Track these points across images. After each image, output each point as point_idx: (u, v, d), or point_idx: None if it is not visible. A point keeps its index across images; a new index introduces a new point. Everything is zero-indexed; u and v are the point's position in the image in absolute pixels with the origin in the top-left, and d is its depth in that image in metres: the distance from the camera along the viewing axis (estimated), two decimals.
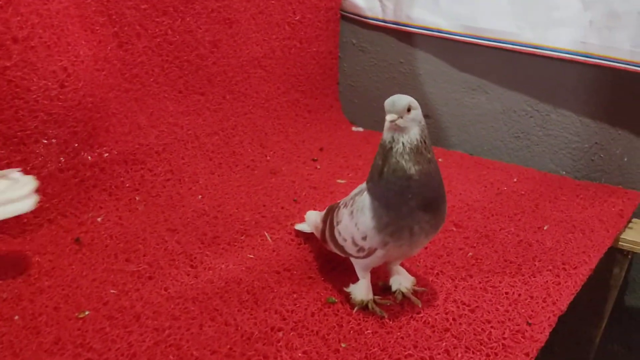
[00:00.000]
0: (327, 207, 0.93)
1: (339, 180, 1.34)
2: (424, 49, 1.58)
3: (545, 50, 1.38)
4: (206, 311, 0.84)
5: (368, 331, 0.80)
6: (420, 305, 0.86)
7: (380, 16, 1.63)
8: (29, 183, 0.93)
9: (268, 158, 1.46)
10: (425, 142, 0.75)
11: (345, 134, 1.70)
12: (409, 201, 0.75)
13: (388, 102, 0.74)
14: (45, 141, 1.04)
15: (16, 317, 0.82)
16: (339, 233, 0.83)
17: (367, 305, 0.85)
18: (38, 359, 0.74)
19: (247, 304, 0.86)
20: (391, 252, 0.80)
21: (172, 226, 1.10)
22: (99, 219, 1.11)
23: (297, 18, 1.59)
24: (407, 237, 0.77)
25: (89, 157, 1.14)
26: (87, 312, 0.84)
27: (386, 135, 0.75)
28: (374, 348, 0.77)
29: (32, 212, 1.01)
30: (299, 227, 1.06)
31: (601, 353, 1.38)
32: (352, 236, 0.80)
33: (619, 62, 1.27)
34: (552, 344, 1.38)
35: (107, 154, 1.18)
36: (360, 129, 1.72)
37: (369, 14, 1.65)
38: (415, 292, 0.88)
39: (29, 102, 1.00)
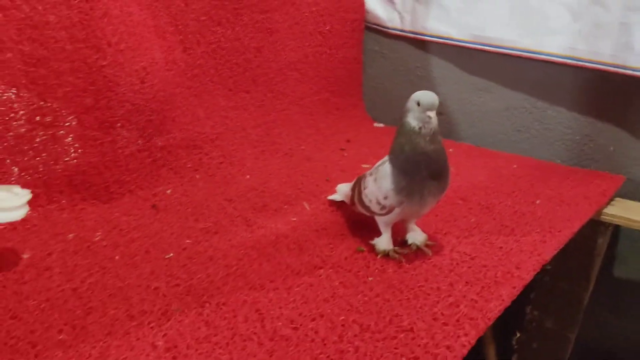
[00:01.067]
0: (356, 178, 1.17)
1: (364, 165, 1.57)
2: (438, 55, 1.81)
3: (542, 55, 1.60)
4: (263, 255, 1.08)
5: (389, 270, 1.03)
6: (430, 254, 1.09)
7: (399, 26, 1.86)
8: (25, 196, 0.99)
9: (302, 147, 1.69)
10: (437, 129, 0.99)
11: (369, 129, 1.93)
12: (422, 171, 0.98)
13: (428, 100, 0.96)
14: (130, 127, 1.29)
15: (117, 257, 1.07)
16: (366, 196, 1.06)
17: (388, 254, 1.08)
18: (140, 284, 0.98)
19: (294, 251, 1.10)
20: (406, 210, 1.03)
21: (228, 197, 1.34)
22: (168, 192, 1.35)
23: (327, 28, 1.83)
24: (418, 198, 1.00)
25: (159, 142, 1.39)
26: (171, 254, 1.08)
27: (415, 122, 0.98)
28: (394, 281, 1.00)
29: (117, 183, 1.27)
30: (332, 197, 1.30)
31: (590, 316, 1.59)
32: (376, 197, 1.03)
33: (603, 65, 1.49)
34: (547, 302, 1.60)
35: (173, 140, 1.42)
36: (381, 125, 1.95)
37: (389, 24, 1.88)
38: (427, 245, 1.11)
39: (118, 94, 1.25)
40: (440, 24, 1.76)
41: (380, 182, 1.02)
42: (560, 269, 1.10)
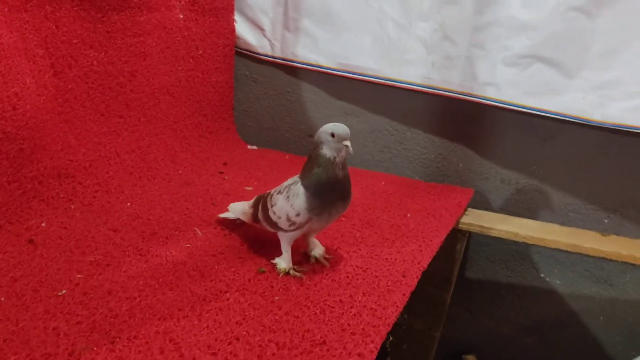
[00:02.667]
0: (255, 197, 1.21)
1: (247, 188, 1.61)
2: (307, 80, 1.92)
3: (401, 83, 1.78)
4: (165, 284, 1.07)
5: (293, 288, 1.09)
6: (327, 266, 1.17)
7: (269, 53, 1.94)
8: None
9: (180, 172, 1.68)
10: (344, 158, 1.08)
11: (243, 151, 1.97)
12: (333, 194, 1.08)
13: (343, 131, 1.05)
14: (1, 157, 1.19)
15: (2, 299, 0.98)
16: (274, 213, 1.11)
17: (289, 272, 1.13)
18: (36, 325, 0.91)
19: (195, 278, 1.10)
20: (313, 226, 1.11)
21: (113, 227, 1.29)
22: (43, 224, 1.26)
23: (200, 53, 1.84)
24: (327, 216, 1.10)
25: (30, 172, 1.29)
26: (64, 291, 1.01)
27: (330, 152, 1.06)
28: (299, 298, 1.05)
29: None
30: (224, 215, 1.33)
31: (450, 314, 1.79)
32: (287, 214, 1.08)
33: (453, 93, 1.71)
34: (415, 306, 1.77)
35: (44, 169, 1.33)
36: (255, 147, 2.01)
37: (260, 50, 1.95)
38: (325, 258, 1.19)
39: None
40: (308, 52, 1.87)
41: (292, 201, 1.08)
42: (425, 274, 1.23)
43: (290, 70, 1.93)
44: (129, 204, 1.42)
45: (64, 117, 1.42)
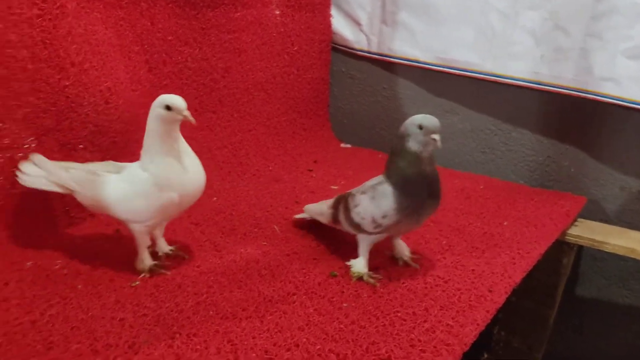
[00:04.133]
0: (335, 197, 1.15)
1: (333, 187, 1.56)
2: (404, 76, 1.83)
3: (505, 78, 1.64)
4: (234, 282, 1.05)
5: (364, 295, 1.02)
6: (417, 267, 1.10)
7: (366, 48, 1.88)
8: None
9: (270, 168, 1.67)
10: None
11: (335, 149, 1.93)
12: (423, 192, 1.01)
13: (433, 124, 0.99)
14: (92, 148, 1.24)
15: (79, 286, 1.02)
16: (357, 214, 1.05)
17: (362, 277, 1.06)
18: (104, 315, 0.93)
19: (266, 277, 1.07)
20: (402, 228, 1.05)
21: (195, 220, 1.30)
22: None
23: (295, 49, 1.82)
24: (416, 217, 1.03)
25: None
26: (137, 282, 1.04)
27: (416, 146, 0.99)
28: (369, 307, 0.98)
29: (77, 207, 1.22)
30: (299, 216, 1.29)
31: (556, 333, 1.61)
32: (372, 215, 1.02)
33: (564, 89, 1.54)
34: (514, 322, 1.61)
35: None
36: (348, 146, 1.95)
37: (356, 46, 1.90)
38: (412, 259, 1.13)
39: (81, 115, 1.20)
40: (406, 46, 1.78)
41: (379, 202, 1.02)
42: (526, 288, 1.11)
43: (387, 65, 1.85)
44: (215, 198, 1.43)
45: None
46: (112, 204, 1.02)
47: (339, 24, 1.90)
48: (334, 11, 1.89)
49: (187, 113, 0.98)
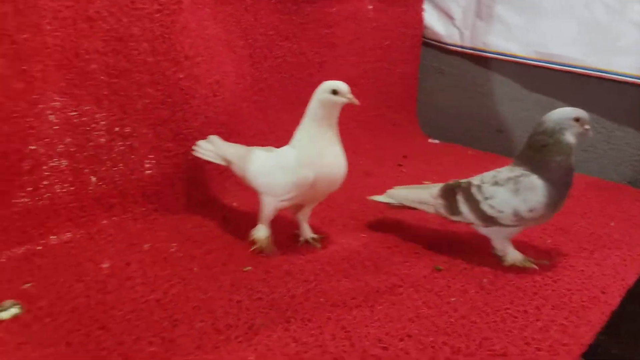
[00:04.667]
0: (440, 187, 1.14)
1: (425, 182, 1.55)
2: (499, 71, 1.80)
3: (610, 74, 1.57)
4: (339, 271, 1.07)
5: (472, 291, 1.01)
6: (537, 268, 1.08)
7: (458, 42, 1.85)
8: None
9: (361, 162, 1.68)
10: None
11: (423, 144, 1.92)
12: (568, 186, 1.03)
13: (586, 115, 1.02)
14: (201, 139, 1.30)
15: (195, 269, 1.07)
16: (492, 207, 1.04)
17: (518, 264, 1.08)
18: (222, 296, 0.97)
19: (369, 268, 1.08)
20: (538, 221, 1.05)
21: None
22: (234, 204, 1.35)
23: (387, 43, 1.83)
24: (555, 210, 1.04)
25: None
26: (249, 267, 1.08)
27: (572, 139, 1.01)
28: (478, 302, 0.98)
29: (187, 195, 1.28)
30: (377, 198, 1.26)
31: None
32: (515, 209, 1.02)
33: None
34: (618, 329, 1.54)
35: None
36: (436, 141, 1.94)
37: (448, 40, 1.88)
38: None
39: (193, 107, 1.26)
40: (502, 40, 1.74)
41: (526, 195, 1.01)
42: (632, 292, 1.06)
43: (480, 60, 1.82)
44: None
45: (259, 106, 1.51)
46: (255, 175, 1.11)
47: (431, 18, 1.89)
48: (426, 5, 1.88)
49: (350, 96, 1.05)
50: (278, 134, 1.56)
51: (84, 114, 1.10)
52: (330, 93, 1.05)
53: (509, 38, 1.73)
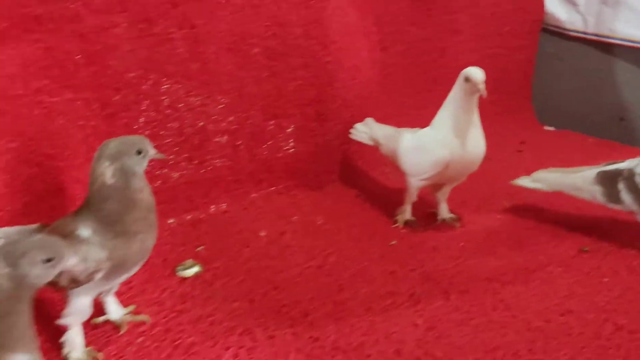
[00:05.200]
0: (596, 172, 1.12)
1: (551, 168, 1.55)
2: (625, 58, 1.75)
3: None
4: (484, 249, 1.10)
5: (623, 273, 1.01)
6: None
7: (580, 29, 1.82)
8: None
9: None
10: None
11: (539, 131, 1.90)
12: None
13: None
14: (337, 121, 1.35)
15: (344, 241, 1.13)
16: None
17: None
18: (376, 267, 1.03)
19: (513, 248, 1.11)
20: None
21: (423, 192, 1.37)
22: (367, 183, 1.41)
23: (506, 29, 1.82)
24: None
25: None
26: (394, 242, 1.13)
27: None
28: (632, 284, 0.98)
29: (325, 173, 1.35)
30: (520, 182, 1.27)
31: None
32: None
33: None
34: None
35: None
36: (552, 128, 1.92)
37: (569, 26, 1.84)
38: None
39: (334, 89, 1.32)
40: (630, 27, 1.69)
41: None
42: None
43: (604, 47, 1.78)
44: None
45: (386, 90, 1.56)
46: (401, 155, 1.17)
47: (552, 4, 1.86)
48: None
49: (482, 87, 1.04)
50: (402, 118, 1.60)
51: (245, 94, 1.19)
52: (464, 80, 1.07)
53: (637, 25, 1.69)
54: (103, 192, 0.73)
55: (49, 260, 0.58)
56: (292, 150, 1.31)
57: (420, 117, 1.65)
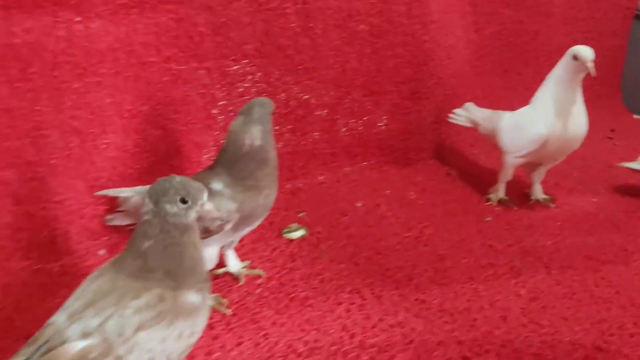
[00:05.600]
0: None
1: None
2: None
3: None
4: (581, 229, 1.11)
5: None
6: None
7: None
8: None
9: None
10: None
11: (628, 119, 1.86)
12: None
13: None
14: (431, 99, 1.37)
15: (439, 215, 1.16)
16: None
17: None
18: (474, 240, 1.06)
19: (611, 229, 1.12)
20: None
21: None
22: (456, 161, 1.43)
23: (600, 14, 1.79)
24: None
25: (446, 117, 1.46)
26: (489, 218, 1.15)
27: None
28: None
29: (415, 150, 1.38)
30: (626, 164, 1.29)
31: None
32: None
33: None
34: None
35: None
36: None
37: None
38: None
39: (430, 68, 1.34)
40: None
41: None
42: None
43: None
44: None
45: (477, 71, 1.57)
46: (500, 133, 1.18)
47: None
48: None
49: (590, 65, 1.03)
50: (491, 99, 1.61)
51: (348, 70, 1.23)
52: (572, 58, 1.07)
53: None
54: (248, 152, 0.79)
55: (185, 202, 0.61)
56: (385, 127, 1.34)
57: (510, 99, 1.66)
